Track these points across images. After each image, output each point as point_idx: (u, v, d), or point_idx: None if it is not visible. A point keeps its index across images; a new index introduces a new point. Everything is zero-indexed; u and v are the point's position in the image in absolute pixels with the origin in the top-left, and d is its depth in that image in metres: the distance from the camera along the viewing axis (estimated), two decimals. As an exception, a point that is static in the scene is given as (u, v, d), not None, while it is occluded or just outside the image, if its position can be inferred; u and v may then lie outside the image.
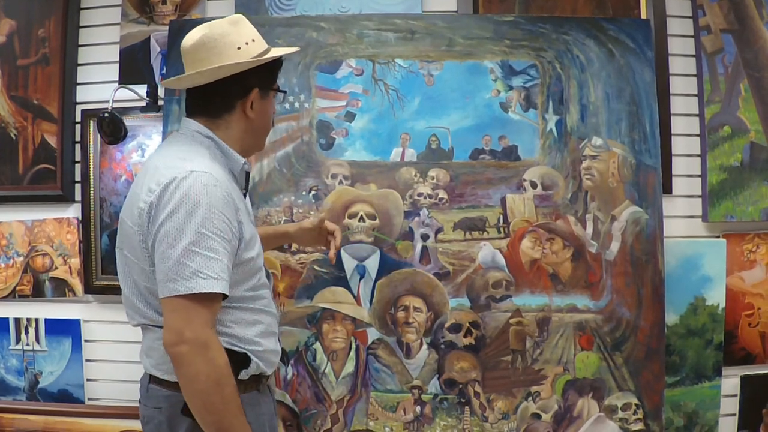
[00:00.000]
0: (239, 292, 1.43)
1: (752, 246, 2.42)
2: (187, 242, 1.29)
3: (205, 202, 1.31)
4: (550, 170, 2.28)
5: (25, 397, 2.50)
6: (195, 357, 1.28)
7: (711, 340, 2.38)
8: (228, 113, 1.47)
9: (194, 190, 1.31)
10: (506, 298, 2.25)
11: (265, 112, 1.52)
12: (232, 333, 1.42)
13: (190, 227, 1.29)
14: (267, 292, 1.53)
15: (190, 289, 1.28)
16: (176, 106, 2.29)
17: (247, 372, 1.44)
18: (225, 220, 1.33)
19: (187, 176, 1.33)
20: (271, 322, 1.52)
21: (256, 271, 1.47)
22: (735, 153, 2.40)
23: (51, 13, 2.50)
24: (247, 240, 1.42)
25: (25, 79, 2.51)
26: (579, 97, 2.29)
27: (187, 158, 1.39)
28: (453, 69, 2.29)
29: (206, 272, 1.29)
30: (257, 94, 1.47)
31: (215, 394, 1.29)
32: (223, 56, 1.42)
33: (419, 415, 2.24)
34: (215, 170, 1.38)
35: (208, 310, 1.31)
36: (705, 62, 2.41)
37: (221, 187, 1.35)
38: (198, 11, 2.48)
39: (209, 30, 1.44)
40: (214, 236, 1.31)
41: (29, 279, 2.50)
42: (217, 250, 1.31)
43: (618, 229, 2.26)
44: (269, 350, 1.50)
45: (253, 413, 1.44)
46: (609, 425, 2.24)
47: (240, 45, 1.43)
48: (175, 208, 1.31)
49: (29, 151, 2.50)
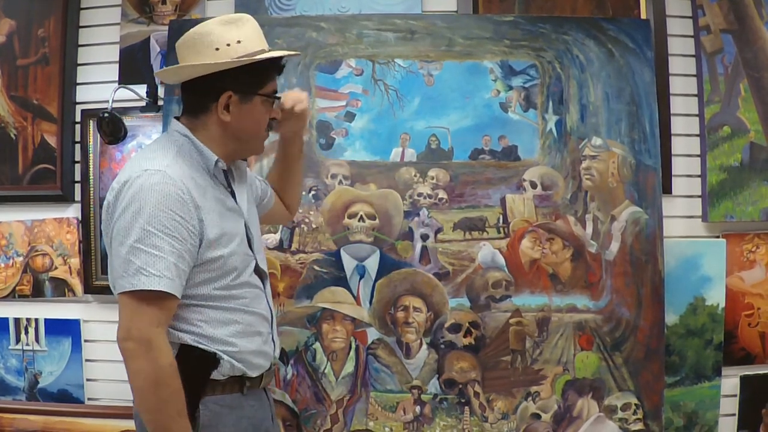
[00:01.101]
0: (207, 290, 1.41)
1: (752, 246, 2.42)
2: (133, 240, 1.30)
3: (153, 200, 1.31)
4: (550, 170, 2.28)
5: (24, 397, 2.50)
6: (138, 354, 1.29)
7: (711, 340, 2.38)
8: (204, 114, 1.46)
9: (144, 188, 1.32)
10: (506, 298, 2.25)
11: (247, 118, 1.46)
12: (199, 332, 1.40)
13: (137, 225, 1.30)
14: (249, 292, 1.49)
15: (134, 286, 1.29)
16: (176, 106, 2.29)
17: (220, 372, 1.42)
18: (175, 218, 1.32)
19: (141, 175, 1.34)
20: (253, 321, 1.48)
21: (230, 270, 1.43)
22: (735, 153, 2.40)
23: (51, 13, 2.50)
24: (212, 239, 1.39)
25: (25, 78, 2.51)
26: (579, 97, 2.29)
27: (149, 157, 1.40)
28: (453, 69, 2.29)
29: (149, 270, 1.29)
30: (234, 97, 1.43)
31: (152, 393, 1.29)
32: (199, 55, 1.41)
33: (419, 415, 2.24)
34: (174, 169, 1.37)
35: (155, 308, 1.31)
36: (705, 62, 2.41)
37: (175, 186, 1.34)
38: (198, 11, 2.48)
39: (197, 28, 1.44)
40: (160, 234, 1.30)
41: (29, 279, 2.50)
42: (162, 248, 1.30)
43: (618, 229, 2.26)
44: (248, 351, 1.46)
45: (233, 416, 1.44)
46: (608, 425, 2.24)
47: (219, 46, 1.40)
48: (126, 207, 1.32)
49: (29, 151, 2.50)
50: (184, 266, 1.34)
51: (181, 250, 1.33)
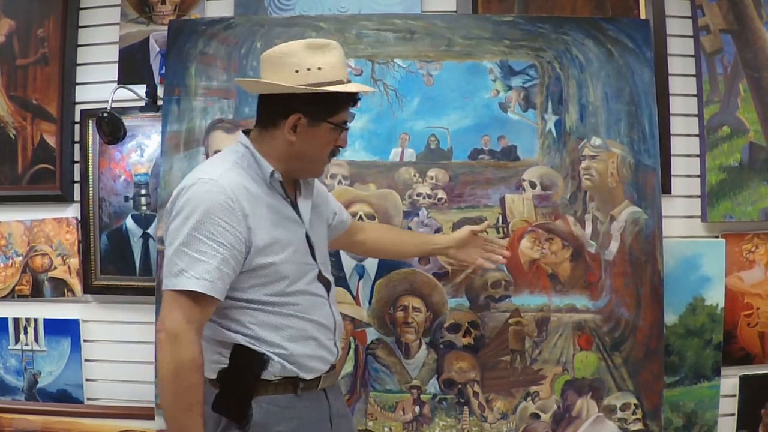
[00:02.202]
0: (258, 295, 1.47)
1: (751, 246, 2.42)
2: (179, 243, 1.39)
3: (202, 208, 1.39)
4: (549, 170, 2.28)
5: (24, 397, 2.50)
6: (165, 346, 1.37)
7: (710, 340, 2.38)
8: (273, 128, 1.51)
9: (196, 196, 1.40)
10: (505, 298, 2.25)
11: (312, 141, 1.51)
12: (252, 334, 1.47)
13: (185, 229, 1.39)
14: (306, 299, 1.53)
15: (175, 285, 1.38)
16: (175, 107, 2.29)
17: (271, 373, 1.48)
18: (222, 224, 1.39)
19: (195, 183, 1.42)
20: (308, 327, 1.53)
21: (282, 277, 1.48)
22: (734, 153, 2.40)
23: (50, 13, 2.50)
24: (261, 246, 1.45)
25: (24, 79, 2.51)
26: (578, 97, 2.29)
27: (208, 166, 1.51)
28: (452, 69, 2.29)
29: (190, 272, 1.37)
30: (303, 120, 1.48)
31: (169, 384, 1.37)
32: (278, 74, 1.45)
33: (418, 415, 2.24)
34: (227, 178, 1.44)
35: (191, 306, 1.38)
36: (704, 62, 2.41)
37: (224, 194, 1.40)
38: (197, 11, 2.48)
39: (284, 46, 1.48)
40: (205, 239, 1.38)
41: (28, 279, 2.50)
42: (205, 252, 1.38)
43: (617, 229, 2.26)
44: (301, 354, 1.51)
45: (284, 415, 1.49)
46: (608, 425, 2.23)
47: (299, 69, 1.44)
48: (178, 212, 1.42)
49: (28, 151, 2.50)
50: (228, 270, 1.40)
51: (226, 255, 1.39)
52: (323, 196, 1.75)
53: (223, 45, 2.30)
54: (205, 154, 2.28)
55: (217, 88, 2.30)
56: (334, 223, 1.83)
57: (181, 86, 2.30)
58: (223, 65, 2.30)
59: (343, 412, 1.69)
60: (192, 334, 1.38)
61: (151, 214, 2.41)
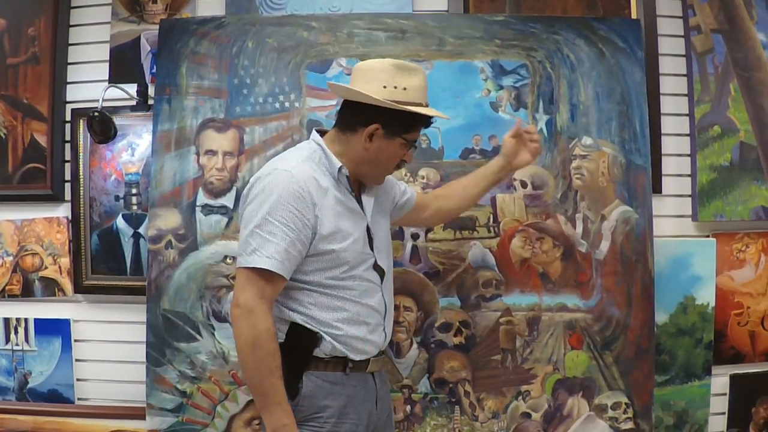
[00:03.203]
0: (319, 278, 1.60)
1: (742, 245, 2.43)
2: (253, 225, 1.54)
3: (276, 195, 1.53)
4: (540, 170, 2.28)
5: (14, 398, 2.49)
6: (241, 319, 1.51)
7: (701, 339, 2.38)
8: (351, 132, 1.65)
9: (271, 185, 1.55)
10: (496, 298, 2.25)
11: (383, 151, 1.64)
12: (308, 313, 1.61)
13: (260, 214, 1.53)
14: (361, 285, 1.65)
15: (248, 263, 1.52)
16: (166, 106, 2.29)
17: (322, 351, 1.61)
18: (293, 211, 1.53)
19: (271, 173, 1.57)
20: (361, 311, 1.65)
21: (341, 263, 1.61)
22: (725, 152, 2.41)
23: (41, 12, 2.49)
24: (326, 234, 1.58)
25: (15, 78, 2.50)
26: (569, 96, 2.29)
27: (282, 159, 1.65)
28: (443, 68, 2.29)
29: (262, 251, 1.52)
30: (381, 131, 1.61)
31: (249, 353, 1.50)
32: (368, 85, 1.59)
33: (409, 415, 2.24)
34: (300, 169, 1.57)
35: (263, 283, 1.52)
36: (695, 62, 2.42)
37: (297, 185, 1.54)
38: (188, 10, 2.48)
39: (376, 62, 1.64)
40: (277, 223, 1.52)
41: (18, 279, 2.49)
42: (276, 234, 1.52)
43: (608, 228, 2.26)
44: (353, 336, 1.63)
45: (334, 390, 1.62)
46: (599, 424, 2.24)
47: (387, 85, 1.59)
48: (254, 198, 1.56)
49: (19, 150, 2.49)
50: (295, 252, 1.54)
51: (294, 238, 1.53)
52: (386, 187, 1.86)
53: (215, 44, 2.30)
54: (196, 154, 2.28)
55: (208, 87, 2.29)
56: (402, 201, 1.96)
57: (172, 85, 2.29)
58: (214, 64, 2.29)
59: (387, 397, 1.82)
60: (265, 307, 1.52)
61: (142, 214, 2.41)
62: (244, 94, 2.29)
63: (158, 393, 2.22)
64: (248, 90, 2.28)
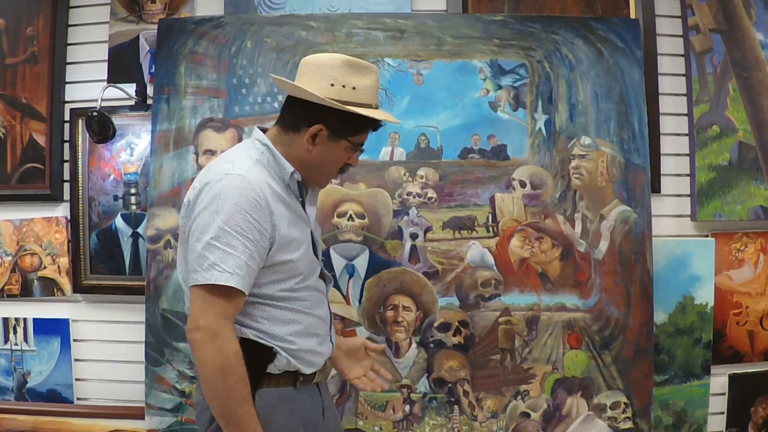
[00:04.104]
0: (273, 291, 1.49)
1: (740, 245, 2.43)
2: (209, 237, 1.39)
3: (232, 202, 1.40)
4: (539, 169, 2.28)
5: (13, 397, 2.49)
6: (205, 344, 1.37)
7: (699, 338, 2.38)
8: (293, 132, 1.53)
9: (225, 191, 1.41)
10: (495, 297, 2.25)
11: (327, 154, 1.53)
12: (260, 328, 1.49)
13: (215, 224, 1.39)
14: (312, 295, 1.56)
15: (207, 280, 1.38)
16: (165, 105, 2.29)
17: (276, 366, 1.50)
18: (250, 220, 1.40)
19: (222, 178, 1.43)
20: (313, 323, 1.56)
21: (296, 273, 1.51)
22: (723, 152, 2.41)
23: (40, 12, 2.48)
24: (283, 243, 1.47)
25: (14, 77, 2.50)
26: (568, 96, 2.29)
27: (231, 162, 1.49)
28: (442, 68, 2.29)
29: (222, 266, 1.38)
30: (325, 132, 1.50)
31: (219, 380, 1.37)
32: (314, 82, 1.48)
33: (408, 414, 2.24)
34: (253, 175, 1.45)
35: (224, 302, 1.39)
36: (694, 62, 2.42)
37: (253, 191, 1.42)
38: (187, 10, 2.47)
39: (326, 57, 1.51)
40: (235, 234, 1.39)
41: (17, 278, 2.49)
42: (236, 246, 1.39)
43: (607, 228, 2.26)
44: (305, 349, 1.54)
45: (285, 408, 1.51)
46: (598, 424, 2.24)
47: (335, 83, 1.47)
48: (206, 206, 1.41)
49: (17, 150, 2.49)
50: (254, 265, 1.42)
51: (253, 250, 1.41)
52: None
53: (213, 44, 2.30)
54: (195, 153, 2.28)
55: (207, 87, 2.29)
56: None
57: (170, 85, 2.29)
58: (213, 64, 2.29)
59: (331, 406, 1.72)
60: (229, 329, 1.39)
61: (141, 214, 2.41)
62: (243, 93, 2.29)
63: (157, 393, 2.22)
64: (247, 90, 2.28)
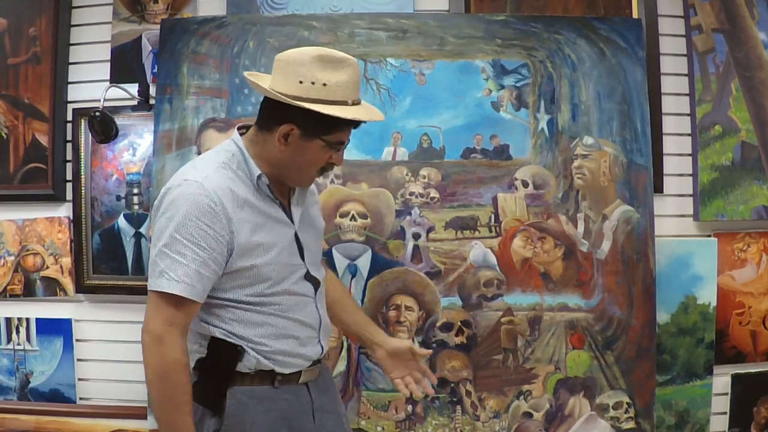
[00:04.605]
0: (239, 295, 1.47)
1: (743, 245, 2.43)
2: (161, 244, 1.39)
3: (184, 210, 1.38)
4: (542, 169, 2.28)
5: (16, 397, 2.49)
6: (150, 349, 1.38)
7: (702, 338, 2.38)
8: (267, 131, 1.47)
9: (180, 198, 1.40)
10: (497, 297, 2.25)
11: (301, 154, 1.47)
12: (228, 328, 1.48)
13: (168, 231, 1.39)
14: (289, 299, 1.52)
15: (156, 287, 1.39)
16: (167, 105, 2.29)
17: (245, 365, 1.48)
18: (203, 228, 1.38)
19: (181, 184, 1.41)
20: (288, 326, 1.52)
21: (264, 279, 1.48)
22: (726, 152, 2.41)
23: (42, 12, 2.49)
24: (244, 249, 1.44)
25: (16, 77, 2.50)
26: (570, 96, 2.29)
27: (194, 167, 1.48)
28: (444, 68, 2.29)
29: (170, 274, 1.37)
30: (296, 131, 1.43)
31: (158, 385, 1.39)
32: (282, 79, 1.42)
33: (411, 414, 2.24)
34: (213, 180, 1.42)
35: (171, 309, 1.38)
36: (696, 61, 2.42)
37: (208, 197, 1.39)
38: (189, 10, 2.47)
39: (296, 53, 1.43)
40: (185, 242, 1.38)
41: (20, 278, 2.49)
42: (185, 255, 1.38)
43: (609, 228, 2.26)
44: (280, 351, 1.51)
45: (260, 407, 1.49)
46: (600, 424, 2.24)
47: (304, 80, 1.40)
48: (163, 212, 1.41)
49: (20, 150, 2.49)
50: (208, 273, 1.40)
51: (206, 258, 1.39)
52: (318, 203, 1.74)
53: (216, 44, 2.30)
54: (198, 153, 2.27)
55: (209, 87, 2.29)
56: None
57: (173, 85, 2.30)
58: (215, 64, 2.30)
59: (330, 407, 1.66)
60: (175, 336, 1.39)
61: (144, 214, 2.41)
62: (245, 93, 2.29)
63: (160, 393, 2.22)
64: (249, 90, 2.28)
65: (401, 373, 1.76)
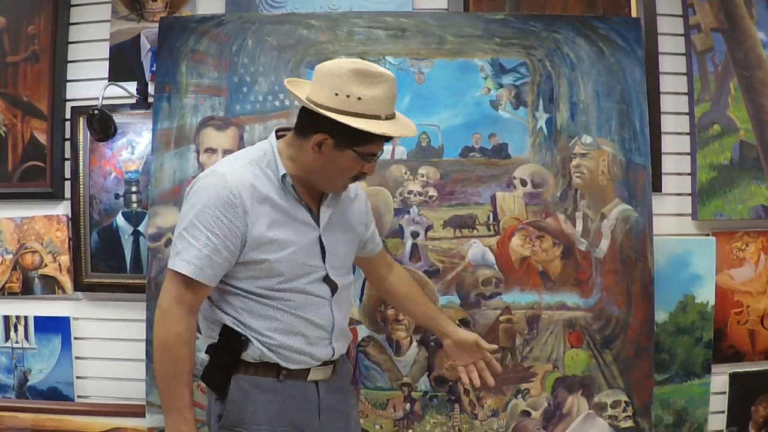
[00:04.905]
0: (251, 286, 1.55)
1: (741, 244, 2.43)
2: (182, 227, 1.51)
3: (206, 199, 1.49)
4: (540, 168, 2.28)
5: (14, 395, 2.49)
6: (158, 322, 1.51)
7: (700, 337, 2.38)
8: (302, 137, 1.54)
9: (204, 187, 1.51)
10: (496, 296, 2.25)
11: (334, 163, 1.53)
12: (238, 317, 1.57)
13: (189, 216, 1.50)
14: (300, 297, 1.58)
15: (171, 266, 1.51)
16: (166, 104, 2.29)
17: (249, 355, 1.56)
18: (220, 217, 1.48)
19: (208, 175, 1.53)
20: (297, 323, 1.58)
21: (275, 274, 1.55)
22: (724, 151, 2.41)
23: (41, 10, 2.48)
24: (258, 243, 1.52)
25: (15, 76, 2.50)
26: (569, 95, 2.29)
27: (228, 160, 1.61)
28: (443, 67, 2.29)
29: (184, 255, 1.49)
30: (329, 141, 1.49)
31: (158, 355, 1.51)
32: (320, 89, 1.48)
33: (409, 413, 2.24)
34: (237, 175, 1.51)
35: (182, 288, 1.50)
36: (695, 61, 2.42)
37: (228, 189, 1.48)
38: (188, 8, 2.47)
39: (334, 65, 1.50)
40: (202, 228, 1.48)
41: (18, 276, 2.49)
42: (199, 239, 1.48)
43: (608, 226, 2.26)
44: (287, 347, 1.57)
45: (263, 396, 1.56)
46: (598, 422, 2.24)
47: (340, 92, 1.46)
48: (188, 199, 1.54)
49: (18, 148, 2.49)
50: (219, 260, 1.50)
51: (218, 245, 1.48)
52: (363, 209, 1.79)
53: (214, 42, 2.30)
54: (196, 152, 2.28)
55: (208, 85, 2.29)
56: (364, 239, 1.83)
57: (171, 83, 2.29)
58: (214, 62, 2.29)
59: (339, 407, 1.70)
60: (180, 312, 1.49)
61: (142, 212, 2.41)
62: (244, 92, 2.29)
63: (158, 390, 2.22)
64: (248, 88, 2.28)
65: (464, 362, 1.87)
